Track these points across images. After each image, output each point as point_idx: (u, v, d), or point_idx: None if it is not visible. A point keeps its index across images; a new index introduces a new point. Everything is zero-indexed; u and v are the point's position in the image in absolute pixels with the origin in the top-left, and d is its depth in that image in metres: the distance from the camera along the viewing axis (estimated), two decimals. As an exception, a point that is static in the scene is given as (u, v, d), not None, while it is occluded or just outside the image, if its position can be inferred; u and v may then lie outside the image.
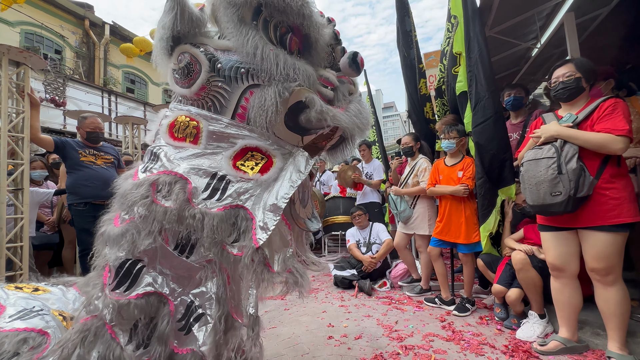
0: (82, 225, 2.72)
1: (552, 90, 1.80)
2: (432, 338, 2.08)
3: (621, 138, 1.52)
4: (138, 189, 0.98)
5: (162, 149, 1.07)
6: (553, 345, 1.78)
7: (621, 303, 1.59)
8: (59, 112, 7.05)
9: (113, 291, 0.97)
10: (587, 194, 1.57)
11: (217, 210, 0.95)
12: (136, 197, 0.97)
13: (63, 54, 8.69)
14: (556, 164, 1.59)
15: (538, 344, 1.83)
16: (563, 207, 1.59)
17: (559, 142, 1.66)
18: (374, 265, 3.41)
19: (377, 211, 4.16)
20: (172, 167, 1.01)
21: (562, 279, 1.77)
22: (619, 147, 1.53)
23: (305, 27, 1.04)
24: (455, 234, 2.56)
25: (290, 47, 1.05)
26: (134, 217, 0.99)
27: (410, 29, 3.67)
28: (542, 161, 1.65)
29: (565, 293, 1.77)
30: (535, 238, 2.20)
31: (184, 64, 1.04)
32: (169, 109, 1.14)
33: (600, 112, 1.62)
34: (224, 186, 0.99)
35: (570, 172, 1.57)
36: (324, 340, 2.11)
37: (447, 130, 2.63)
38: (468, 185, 2.52)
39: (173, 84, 1.11)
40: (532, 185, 1.69)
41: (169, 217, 0.95)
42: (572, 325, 1.80)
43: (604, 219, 1.57)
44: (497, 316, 2.31)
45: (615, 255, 1.57)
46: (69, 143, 2.77)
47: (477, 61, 2.39)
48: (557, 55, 3.90)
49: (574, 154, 1.59)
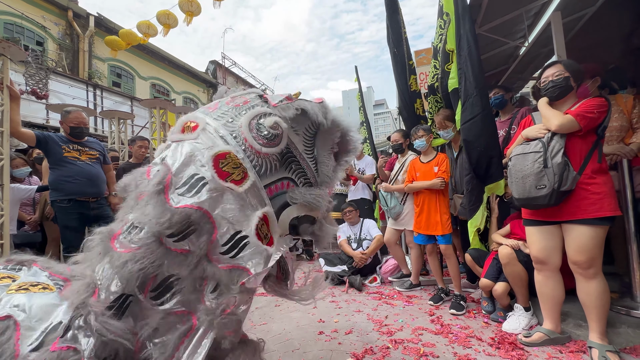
0: (65, 223, 2.65)
1: (542, 89, 1.85)
2: (421, 332, 2.11)
3: (566, 117, 1.64)
4: (170, 217, 0.92)
5: (206, 178, 1.02)
6: (537, 337, 1.84)
7: (602, 295, 1.65)
8: (41, 105, 6.81)
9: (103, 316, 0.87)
10: (570, 188, 1.63)
11: (221, 268, 0.97)
12: (162, 225, 0.92)
13: (45, 45, 8.39)
14: (542, 158, 1.65)
15: (523, 336, 1.89)
16: (547, 200, 1.65)
17: (545, 137, 1.71)
18: (364, 261, 3.44)
19: (368, 208, 4.18)
20: (209, 207, 0.99)
21: (545, 272, 1.83)
22: (554, 123, 1.66)
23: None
24: (434, 227, 2.66)
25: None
26: (140, 247, 0.91)
27: (400, 25, 3.68)
28: (529, 155, 1.71)
29: (549, 285, 1.83)
30: (521, 233, 2.25)
31: (277, 133, 1.13)
32: (214, 133, 1.09)
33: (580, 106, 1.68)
34: (241, 247, 1.01)
35: (555, 166, 1.62)
36: (314, 336, 2.12)
37: (415, 131, 2.84)
38: (444, 178, 2.63)
39: (249, 130, 1.11)
40: (518, 178, 1.75)
41: (180, 261, 0.94)
42: (555, 317, 1.86)
43: (586, 213, 1.62)
44: (484, 309, 2.36)
45: (596, 248, 1.63)
46: (52, 138, 2.68)
47: (467, 59, 2.42)
48: (544, 54, 3.97)
49: (560, 149, 1.64)
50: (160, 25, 6.82)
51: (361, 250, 3.51)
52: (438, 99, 3.51)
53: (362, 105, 5.11)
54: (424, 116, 3.79)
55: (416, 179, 2.83)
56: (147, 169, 1.07)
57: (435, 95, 3.52)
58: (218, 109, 1.20)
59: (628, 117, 2.13)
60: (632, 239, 1.97)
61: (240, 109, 1.18)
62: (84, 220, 2.69)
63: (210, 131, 1.10)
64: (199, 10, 6.66)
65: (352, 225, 3.78)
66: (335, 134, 1.32)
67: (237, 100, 1.23)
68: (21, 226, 3.24)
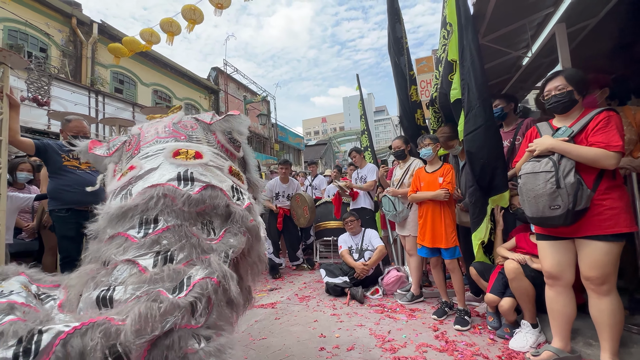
0: (63, 232, 2.60)
1: (545, 103, 1.81)
2: (426, 349, 2.05)
3: (614, 154, 1.53)
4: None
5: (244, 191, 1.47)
6: (546, 356, 1.77)
7: (615, 313, 1.59)
8: (42, 111, 6.81)
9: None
10: (585, 206, 1.57)
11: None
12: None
13: (48, 52, 8.44)
14: (554, 178, 1.59)
15: (531, 354, 1.82)
16: (562, 220, 1.59)
17: (556, 156, 1.65)
18: (366, 272, 3.38)
19: (369, 218, 4.13)
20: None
21: (557, 288, 1.77)
22: (611, 163, 1.54)
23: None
24: (439, 239, 2.59)
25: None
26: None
27: (402, 35, 3.68)
28: (541, 175, 1.64)
29: (560, 302, 1.76)
30: (527, 247, 2.20)
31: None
32: (212, 158, 1.45)
33: (594, 124, 1.62)
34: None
35: (569, 186, 1.56)
36: (315, 352, 2.06)
37: (421, 140, 2.79)
38: (448, 190, 2.56)
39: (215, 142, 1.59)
40: (530, 198, 1.69)
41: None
42: (565, 335, 1.79)
43: (600, 229, 1.57)
44: (490, 325, 2.30)
45: (611, 265, 1.57)
46: (51, 146, 2.65)
47: (470, 70, 2.39)
48: (547, 64, 3.96)
49: (572, 168, 1.59)
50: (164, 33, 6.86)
51: (363, 261, 3.45)
52: (436, 109, 3.50)
53: (364, 114, 5.10)
54: (424, 126, 3.77)
55: (420, 189, 2.77)
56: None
57: (434, 106, 3.51)
58: (188, 136, 1.53)
59: (637, 130, 2.09)
60: (641, 254, 1.93)
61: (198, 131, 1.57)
62: (82, 229, 2.64)
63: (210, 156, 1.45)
64: (201, 18, 6.70)
65: (353, 235, 3.73)
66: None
67: (186, 123, 1.59)
68: (18, 233, 3.19)
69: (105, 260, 1.04)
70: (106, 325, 0.77)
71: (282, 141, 19.33)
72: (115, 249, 1.05)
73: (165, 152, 1.37)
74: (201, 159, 1.36)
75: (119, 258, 1.01)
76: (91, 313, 0.88)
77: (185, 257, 1.05)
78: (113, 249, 1.05)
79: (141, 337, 0.78)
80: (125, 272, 0.97)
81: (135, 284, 0.92)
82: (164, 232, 1.10)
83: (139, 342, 0.78)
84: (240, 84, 16.05)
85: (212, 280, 0.96)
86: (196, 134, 1.55)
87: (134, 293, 0.87)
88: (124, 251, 1.04)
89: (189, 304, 0.88)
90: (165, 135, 1.49)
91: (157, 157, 1.36)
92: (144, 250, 1.04)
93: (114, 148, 1.57)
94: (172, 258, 1.04)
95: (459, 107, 2.56)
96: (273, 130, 18.04)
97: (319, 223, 4.67)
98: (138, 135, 1.54)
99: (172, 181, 1.21)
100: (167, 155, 1.35)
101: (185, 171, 1.27)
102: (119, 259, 1.01)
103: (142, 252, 1.03)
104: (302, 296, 3.33)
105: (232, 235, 1.20)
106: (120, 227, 1.11)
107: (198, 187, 1.22)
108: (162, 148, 1.39)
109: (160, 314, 0.82)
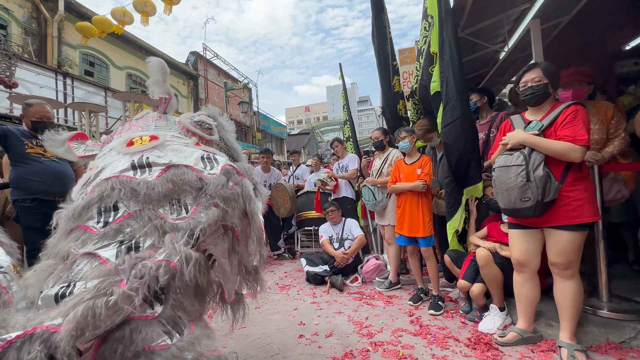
0: (28, 223, 2.47)
1: (521, 94, 1.86)
2: (401, 333, 2.13)
3: (580, 147, 1.61)
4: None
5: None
6: (511, 337, 1.90)
7: (576, 296, 1.72)
8: (3, 94, 6.33)
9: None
10: (553, 197, 1.66)
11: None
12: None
13: (8, 29, 7.78)
14: (524, 172, 1.66)
15: (498, 336, 1.95)
16: (532, 211, 1.68)
17: (527, 150, 1.72)
18: (346, 261, 3.44)
19: (350, 207, 4.19)
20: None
21: (524, 274, 1.88)
22: (577, 156, 1.63)
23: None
24: (416, 229, 2.68)
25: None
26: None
27: (385, 25, 3.67)
28: (512, 168, 1.72)
29: (526, 287, 1.88)
30: (497, 236, 2.31)
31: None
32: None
33: (563, 118, 1.70)
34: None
35: (538, 179, 1.64)
36: (294, 340, 2.10)
37: (397, 134, 2.87)
38: (426, 181, 2.65)
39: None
40: (503, 190, 1.77)
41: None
42: (529, 317, 1.92)
43: (567, 219, 1.67)
44: (462, 309, 2.42)
45: (575, 252, 1.69)
46: (12, 132, 2.48)
47: (448, 63, 2.43)
48: (522, 59, 4.08)
49: (541, 161, 1.67)
50: (137, 12, 6.49)
51: (343, 250, 3.51)
52: (416, 101, 3.55)
53: (347, 104, 5.09)
54: (406, 117, 3.81)
55: (399, 180, 2.84)
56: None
57: (414, 97, 3.55)
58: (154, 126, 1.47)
59: (606, 127, 2.19)
60: (599, 241, 2.07)
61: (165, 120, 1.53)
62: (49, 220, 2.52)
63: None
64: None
65: (334, 225, 3.77)
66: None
67: (148, 117, 1.53)
68: (-21, 226, 3.00)
69: (64, 255, 0.98)
70: (44, 335, 0.71)
71: (264, 130, 19.04)
72: (74, 242, 0.98)
73: (117, 145, 1.29)
74: (157, 140, 1.27)
75: (79, 251, 0.95)
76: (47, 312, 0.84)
77: (153, 244, 0.98)
78: (71, 243, 0.99)
79: (83, 339, 0.73)
80: (86, 266, 0.91)
81: (96, 277, 0.85)
82: (126, 219, 1.03)
83: (83, 345, 0.74)
84: (220, 70, 15.55)
85: (169, 264, 0.88)
86: (157, 123, 1.48)
87: (96, 287, 0.81)
88: (82, 244, 0.97)
89: (132, 293, 0.81)
90: (124, 132, 1.42)
91: (110, 152, 1.29)
92: (106, 241, 0.98)
93: (89, 152, 1.46)
94: (138, 246, 0.97)
95: (438, 100, 2.61)
96: (255, 118, 17.70)
97: (300, 213, 4.68)
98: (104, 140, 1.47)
99: (125, 172, 1.13)
100: (120, 148, 1.26)
101: (140, 158, 1.19)
102: (79, 252, 0.95)
103: (105, 244, 0.97)
104: (282, 285, 3.36)
105: (203, 209, 1.08)
106: (79, 220, 1.05)
107: (157, 171, 1.14)
108: (116, 143, 1.32)
109: (108, 308, 0.76)
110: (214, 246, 1.10)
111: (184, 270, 0.90)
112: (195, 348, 0.88)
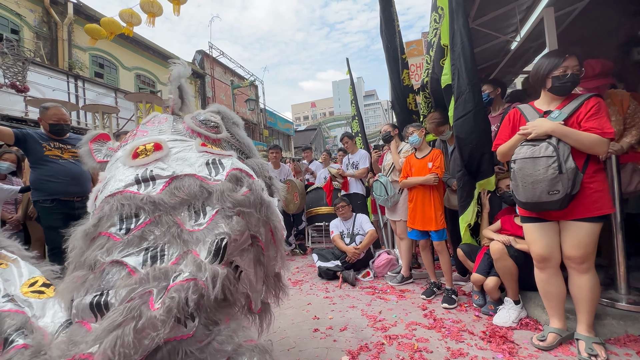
0: (49, 223, 2.55)
1: (559, 78, 1.69)
2: (415, 327, 2.14)
3: (607, 140, 1.58)
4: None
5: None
6: (552, 339, 1.78)
7: (593, 289, 1.69)
8: (19, 98, 6.49)
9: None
10: (577, 190, 1.61)
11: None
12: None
13: (21, 34, 7.95)
14: (557, 164, 1.58)
15: (538, 340, 1.81)
16: (559, 204, 1.61)
17: (554, 140, 1.64)
18: (357, 256, 3.46)
19: (361, 203, 4.19)
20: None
21: (549, 270, 1.80)
22: (604, 149, 1.59)
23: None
24: (428, 222, 2.68)
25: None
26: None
27: (393, 18, 3.63)
28: (541, 160, 1.62)
29: (553, 283, 1.80)
30: (511, 229, 2.29)
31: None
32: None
33: (587, 110, 1.64)
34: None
35: (570, 171, 1.57)
36: (309, 333, 2.13)
37: (405, 130, 2.88)
38: (438, 174, 2.65)
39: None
40: (527, 183, 1.66)
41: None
42: (561, 314, 1.84)
43: (590, 211, 1.63)
44: (476, 303, 2.41)
45: (593, 243, 1.66)
46: (31, 135, 2.55)
47: (460, 55, 2.39)
48: (535, 49, 3.99)
49: (569, 153, 1.60)
50: (144, 13, 6.54)
51: (354, 245, 3.53)
52: (427, 94, 3.51)
53: (354, 99, 5.07)
54: (416, 111, 3.78)
55: (411, 174, 2.83)
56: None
57: (424, 91, 3.51)
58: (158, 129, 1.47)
59: (622, 117, 2.14)
60: (617, 233, 2.03)
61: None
62: (69, 220, 2.59)
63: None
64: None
65: (344, 220, 3.79)
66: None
67: (154, 120, 1.53)
68: (2, 225, 3.11)
69: (91, 263, 0.97)
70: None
71: (271, 127, 19.07)
72: (99, 250, 0.97)
73: (123, 156, 1.27)
74: (160, 151, 1.25)
75: (106, 259, 0.95)
76: (88, 320, 0.86)
77: (177, 253, 0.97)
78: (97, 251, 0.98)
79: None
80: (115, 275, 0.92)
81: (125, 287, 0.86)
82: (148, 225, 1.02)
83: None
84: (226, 67, 15.60)
85: (198, 282, 0.86)
86: (162, 126, 1.46)
87: (125, 297, 0.82)
88: (107, 252, 0.96)
89: (166, 315, 0.79)
90: (130, 139, 1.42)
91: (115, 164, 1.28)
92: (132, 249, 0.97)
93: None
94: (163, 254, 0.96)
95: (450, 93, 2.58)
96: (262, 115, 17.75)
97: (310, 209, 4.71)
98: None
99: (129, 187, 1.12)
100: (125, 160, 1.25)
101: (145, 171, 1.17)
102: (106, 260, 0.94)
103: (130, 251, 0.96)
104: (295, 280, 3.40)
105: (223, 219, 1.03)
106: (99, 227, 1.03)
107: (161, 185, 1.13)
108: (122, 154, 1.31)
109: (136, 332, 0.75)
110: (240, 257, 1.06)
111: (211, 288, 0.88)
112: (234, 340, 0.90)
